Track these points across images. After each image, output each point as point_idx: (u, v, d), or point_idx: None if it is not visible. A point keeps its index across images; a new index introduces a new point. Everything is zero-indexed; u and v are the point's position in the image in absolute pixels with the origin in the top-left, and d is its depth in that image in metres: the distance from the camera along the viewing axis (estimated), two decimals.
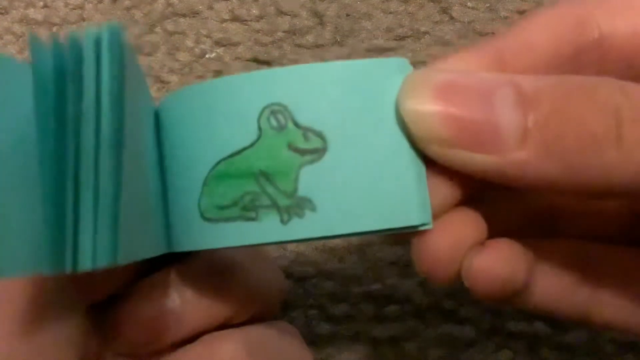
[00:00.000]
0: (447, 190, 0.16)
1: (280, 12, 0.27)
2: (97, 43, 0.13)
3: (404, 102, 0.15)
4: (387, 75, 0.15)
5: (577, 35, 0.16)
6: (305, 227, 0.15)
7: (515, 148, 0.14)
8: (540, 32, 0.16)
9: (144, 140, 0.16)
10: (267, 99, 0.15)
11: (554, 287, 0.17)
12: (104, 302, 0.18)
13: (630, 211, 0.19)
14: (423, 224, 0.16)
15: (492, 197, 0.18)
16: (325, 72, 0.15)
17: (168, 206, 0.17)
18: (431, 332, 0.25)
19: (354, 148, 0.15)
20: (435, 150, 0.15)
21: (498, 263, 0.16)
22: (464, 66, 0.16)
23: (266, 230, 0.15)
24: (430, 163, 0.16)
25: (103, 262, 0.13)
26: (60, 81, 0.13)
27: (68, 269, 0.13)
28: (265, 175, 0.15)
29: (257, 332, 0.19)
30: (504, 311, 0.25)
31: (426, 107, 0.15)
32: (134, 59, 0.14)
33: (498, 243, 0.17)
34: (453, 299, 0.25)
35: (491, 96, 0.14)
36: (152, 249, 0.16)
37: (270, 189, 0.15)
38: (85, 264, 0.13)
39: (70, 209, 0.13)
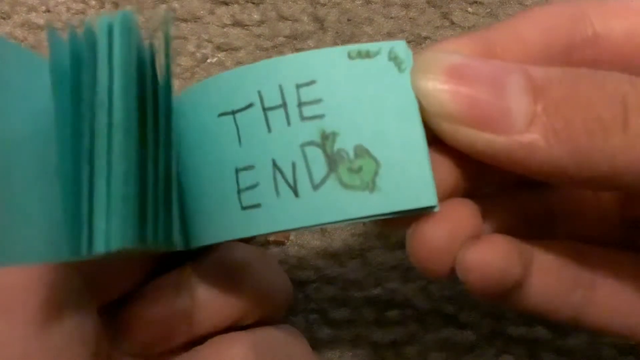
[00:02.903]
0: (449, 175, 0.16)
1: (282, 17, 0.27)
2: (110, 31, 0.13)
3: (416, 79, 0.15)
4: (392, 57, 0.16)
5: (569, 31, 0.16)
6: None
7: (523, 130, 0.14)
8: (532, 27, 0.16)
9: None
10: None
11: (549, 287, 0.17)
12: (114, 302, 0.18)
13: (621, 215, 0.19)
14: (434, 206, 0.16)
15: (489, 195, 0.18)
16: (327, 58, 0.15)
17: (188, 200, 0.17)
18: (432, 337, 0.25)
19: (366, 130, 0.15)
20: (445, 127, 0.15)
21: (493, 256, 0.16)
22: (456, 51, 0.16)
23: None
24: (435, 146, 0.16)
25: (116, 245, 0.13)
26: (76, 69, 0.14)
27: (84, 252, 0.13)
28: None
29: (266, 335, 0.19)
30: (504, 316, 0.25)
31: (438, 84, 0.15)
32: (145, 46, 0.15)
33: (493, 237, 0.16)
34: (454, 304, 0.25)
35: (502, 80, 0.15)
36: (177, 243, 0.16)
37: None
38: (99, 246, 0.13)
39: (86, 193, 0.13)
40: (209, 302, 0.18)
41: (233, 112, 0.16)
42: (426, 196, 0.15)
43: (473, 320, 0.25)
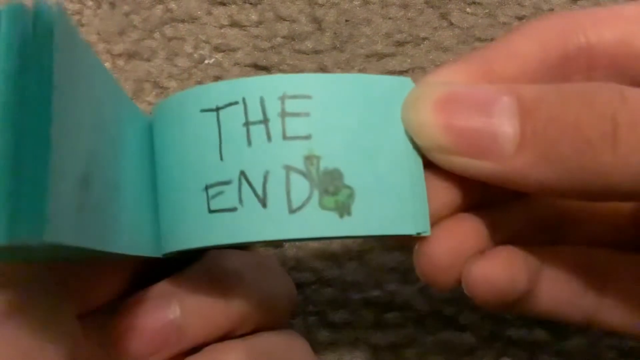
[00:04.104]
0: (447, 195, 0.17)
1: (279, 18, 0.27)
2: None
3: (406, 115, 0.16)
4: (388, 91, 0.16)
5: (562, 42, 0.17)
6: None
7: (512, 155, 0.15)
8: (527, 41, 0.17)
9: (108, 141, 0.15)
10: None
11: (560, 292, 0.17)
12: (103, 311, 0.18)
13: (633, 217, 0.19)
14: (419, 233, 0.16)
15: (498, 204, 0.18)
16: (330, 83, 0.16)
17: (163, 204, 0.17)
18: (431, 339, 0.25)
19: (358, 158, 0.15)
20: (437, 157, 0.16)
21: (497, 271, 0.16)
22: (453, 77, 0.16)
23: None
24: (431, 167, 0.16)
25: None
26: None
27: None
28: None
29: (263, 342, 0.19)
30: (504, 318, 0.25)
31: (427, 118, 0.15)
32: (70, 51, 0.13)
33: (498, 251, 0.17)
34: (453, 306, 0.25)
35: (490, 106, 0.15)
36: (115, 244, 0.15)
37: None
38: None
39: None
40: (199, 312, 0.18)
41: (217, 110, 0.16)
42: (411, 224, 0.16)
43: (473, 323, 0.25)
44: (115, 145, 0.16)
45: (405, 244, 0.17)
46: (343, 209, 0.15)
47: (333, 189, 0.15)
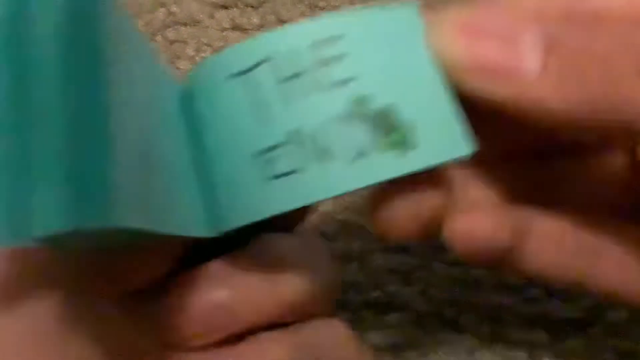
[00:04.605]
0: None
1: (280, 21, 0.27)
2: None
3: (430, 37, 0.15)
4: (405, 22, 0.15)
5: (568, 4, 0.16)
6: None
7: (535, 79, 0.14)
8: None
9: (150, 109, 0.15)
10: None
11: (549, 253, 0.17)
12: (146, 291, 0.18)
13: (633, 185, 0.19)
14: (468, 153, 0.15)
15: (500, 163, 0.18)
16: (357, 20, 0.15)
17: (216, 182, 0.16)
18: (431, 340, 0.25)
19: (395, 90, 0.15)
20: (459, 79, 0.15)
21: (479, 224, 0.16)
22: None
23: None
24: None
25: (58, 225, 0.11)
26: (13, 29, 0.12)
27: (24, 236, 0.11)
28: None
29: (310, 332, 0.18)
30: (504, 319, 0.25)
31: (451, 41, 0.15)
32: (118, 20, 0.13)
33: (482, 205, 0.17)
34: (453, 307, 0.25)
35: (516, 31, 0.15)
36: (172, 225, 0.15)
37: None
38: (39, 227, 0.11)
39: (23, 166, 0.11)
40: (248, 297, 0.18)
41: (248, 72, 0.15)
42: (462, 146, 0.15)
43: (473, 324, 0.25)
44: (161, 121, 0.15)
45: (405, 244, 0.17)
46: (403, 145, 0.14)
47: (388, 128, 0.14)
